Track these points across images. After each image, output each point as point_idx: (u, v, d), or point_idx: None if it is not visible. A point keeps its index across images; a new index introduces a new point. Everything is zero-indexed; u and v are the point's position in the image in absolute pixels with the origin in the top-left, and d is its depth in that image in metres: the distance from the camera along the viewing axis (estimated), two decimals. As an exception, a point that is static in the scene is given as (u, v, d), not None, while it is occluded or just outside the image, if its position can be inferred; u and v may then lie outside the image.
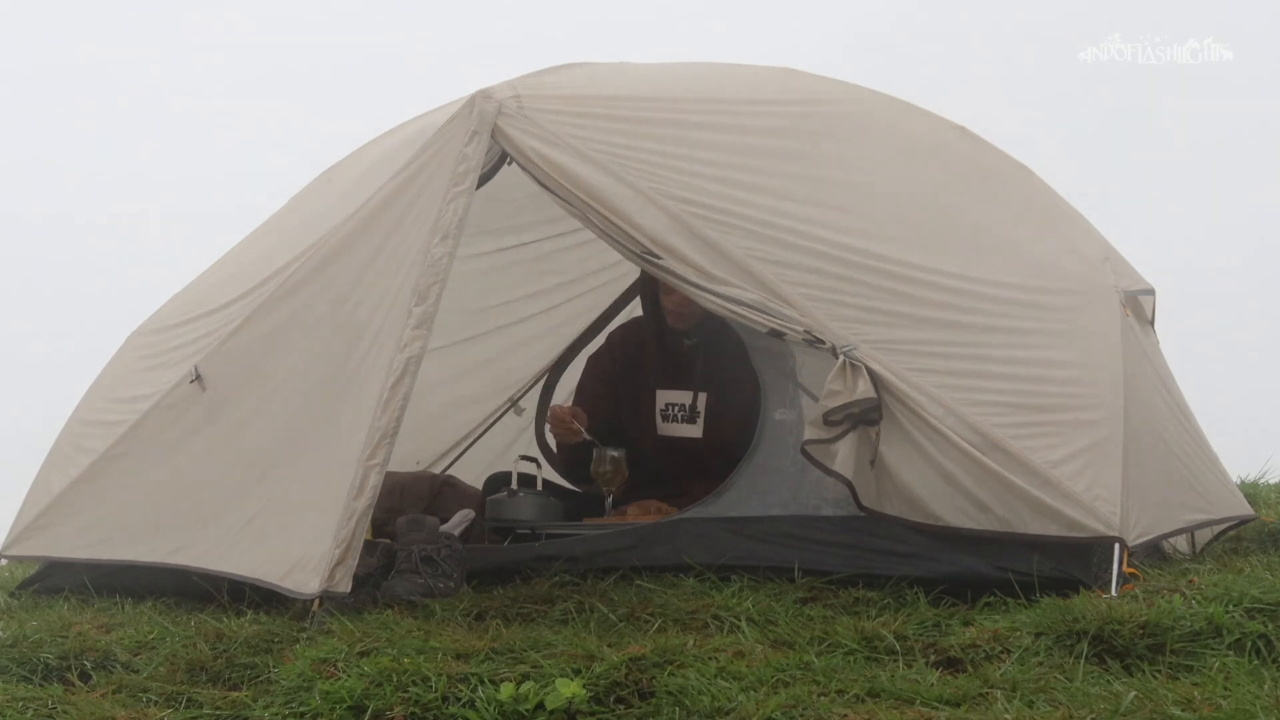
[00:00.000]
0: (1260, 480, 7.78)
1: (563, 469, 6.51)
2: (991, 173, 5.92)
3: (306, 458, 5.16)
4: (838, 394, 4.93)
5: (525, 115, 5.28)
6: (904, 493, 4.96)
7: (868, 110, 5.90)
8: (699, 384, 6.08)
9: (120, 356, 6.39)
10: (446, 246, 5.14)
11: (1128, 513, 4.84)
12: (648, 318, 6.28)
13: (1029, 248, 5.51)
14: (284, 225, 6.13)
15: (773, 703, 3.90)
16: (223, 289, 5.99)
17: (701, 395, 6.06)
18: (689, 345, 6.09)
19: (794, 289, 5.08)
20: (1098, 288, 5.42)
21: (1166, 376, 5.90)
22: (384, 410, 4.97)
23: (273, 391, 5.42)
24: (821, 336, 5.02)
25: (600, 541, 5.37)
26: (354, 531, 4.87)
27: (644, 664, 4.15)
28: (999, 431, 4.89)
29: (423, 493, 6.52)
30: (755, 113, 5.61)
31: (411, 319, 5.06)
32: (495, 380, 7.66)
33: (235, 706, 4.27)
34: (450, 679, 4.12)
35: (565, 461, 6.40)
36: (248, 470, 5.31)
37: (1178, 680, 4.06)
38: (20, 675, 4.68)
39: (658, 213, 5.17)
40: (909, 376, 4.96)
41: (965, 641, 4.38)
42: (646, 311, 6.29)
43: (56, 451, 6.28)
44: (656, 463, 6.06)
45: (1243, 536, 6.16)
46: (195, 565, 5.30)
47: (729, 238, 5.14)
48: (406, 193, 5.32)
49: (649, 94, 5.62)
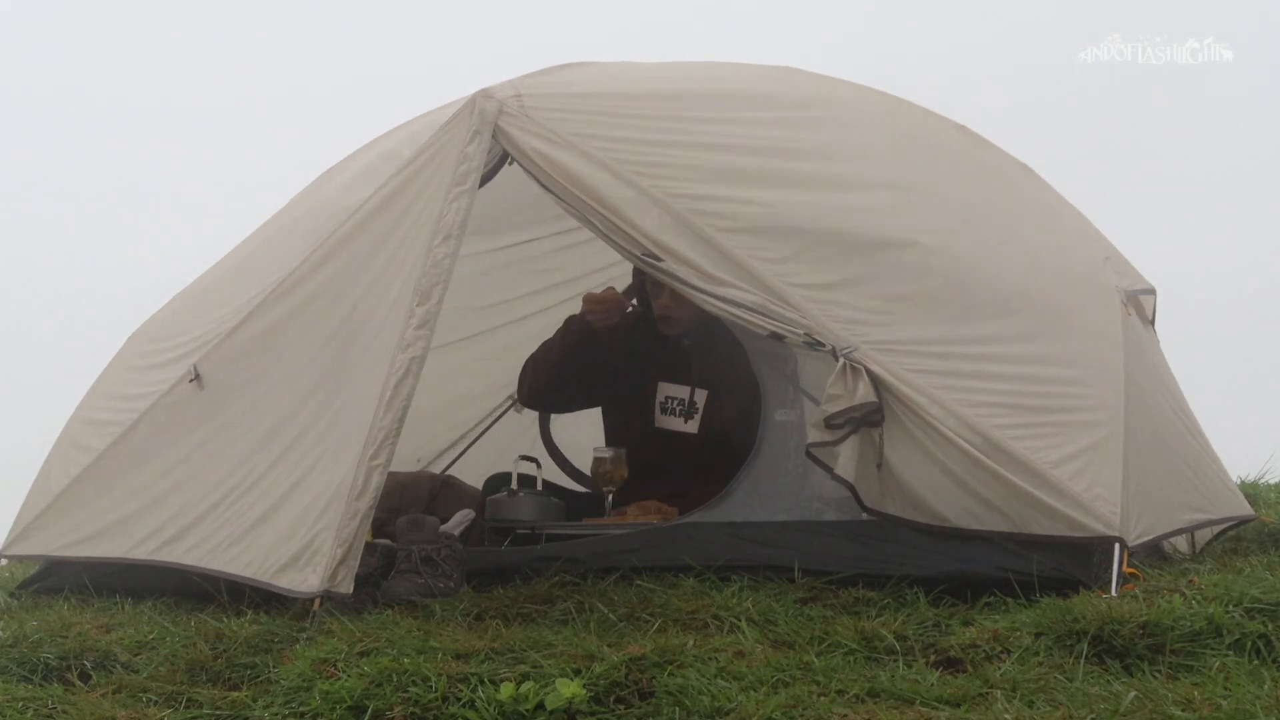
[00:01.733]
0: (1260, 480, 7.78)
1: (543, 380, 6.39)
2: (992, 172, 5.92)
3: (307, 457, 5.15)
4: (838, 398, 4.93)
5: (526, 115, 5.28)
6: (906, 493, 4.96)
7: (868, 108, 5.90)
8: (696, 380, 6.08)
9: (120, 356, 6.39)
10: (449, 246, 5.13)
11: (1128, 513, 4.83)
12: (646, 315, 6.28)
13: (1030, 247, 5.51)
14: (284, 225, 6.12)
15: (773, 703, 3.90)
16: (222, 289, 5.99)
17: (700, 392, 6.05)
18: (687, 345, 6.09)
19: (794, 290, 5.07)
20: (1098, 287, 5.42)
21: (1167, 376, 5.90)
22: (386, 410, 4.97)
23: (272, 391, 5.42)
24: (821, 338, 5.01)
25: (601, 543, 5.37)
26: (356, 531, 4.87)
27: (644, 664, 4.15)
28: (999, 432, 4.89)
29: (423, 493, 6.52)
30: (756, 112, 5.61)
31: (414, 319, 5.05)
32: (496, 378, 7.65)
33: (235, 706, 4.27)
34: (450, 679, 4.12)
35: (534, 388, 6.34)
36: (248, 470, 5.31)
37: (1178, 680, 4.06)
38: (20, 675, 4.67)
39: (659, 213, 5.16)
40: (909, 378, 4.95)
41: (965, 641, 4.38)
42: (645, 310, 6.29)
43: (56, 451, 6.28)
44: (650, 455, 6.04)
45: (1243, 536, 6.16)
46: (195, 565, 5.30)
47: (730, 238, 5.14)
48: (407, 192, 5.31)
49: (650, 94, 5.62)
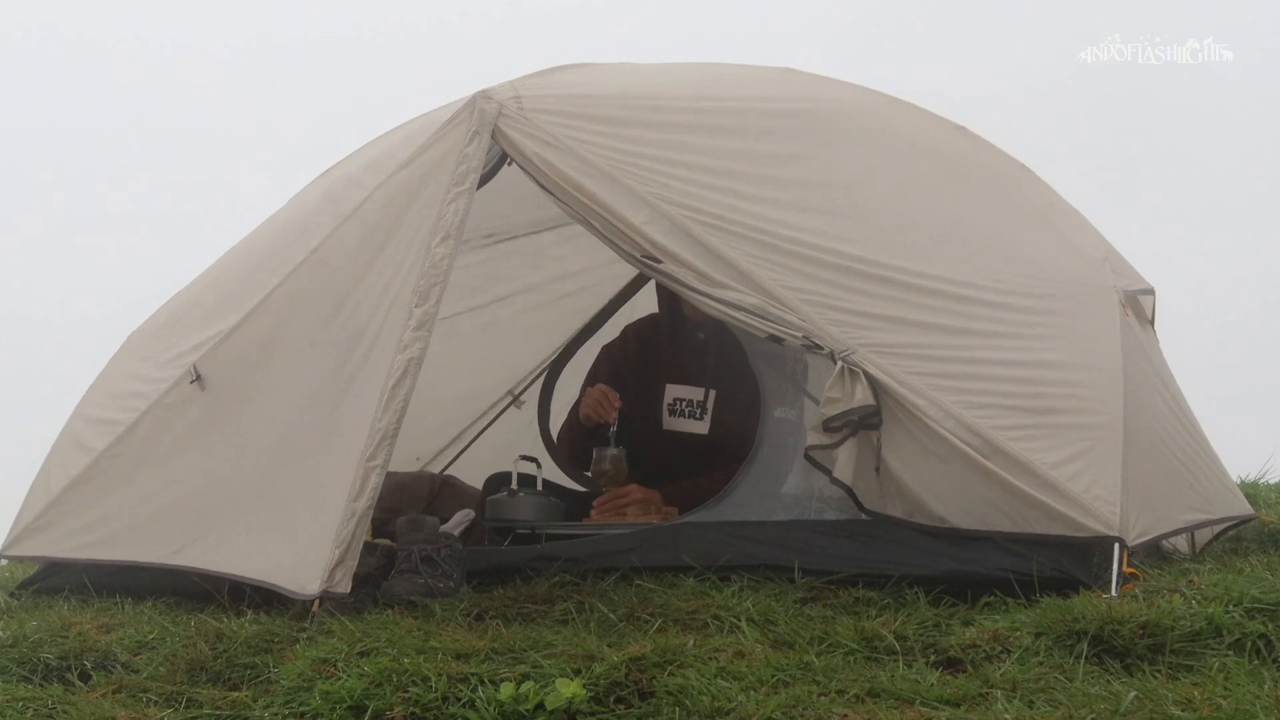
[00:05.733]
0: (1260, 480, 7.78)
1: (565, 457, 6.49)
2: (991, 173, 5.92)
3: (306, 458, 5.15)
4: (836, 401, 4.93)
5: (525, 116, 5.28)
6: (906, 495, 4.96)
7: (867, 110, 5.90)
8: (710, 381, 6.08)
9: (120, 356, 6.39)
10: (447, 247, 5.13)
11: (1127, 513, 4.83)
12: (663, 311, 6.28)
13: (1028, 248, 5.51)
14: (283, 225, 6.12)
15: (773, 703, 3.90)
16: (222, 289, 5.99)
17: (712, 392, 6.06)
18: (701, 340, 6.09)
19: (792, 293, 5.07)
20: (1097, 288, 5.42)
21: (1166, 376, 5.90)
22: (384, 411, 4.97)
23: (272, 393, 5.42)
24: (820, 341, 5.01)
25: (600, 543, 5.37)
26: (354, 532, 4.87)
27: (644, 664, 4.15)
28: (998, 434, 4.88)
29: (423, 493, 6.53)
30: (755, 113, 5.61)
31: (412, 320, 5.06)
32: (495, 374, 7.66)
33: (235, 706, 4.27)
34: (450, 679, 4.12)
35: (571, 452, 6.37)
36: (247, 470, 5.31)
37: (1178, 680, 4.06)
38: (20, 675, 4.67)
39: (657, 217, 5.16)
40: (908, 380, 4.95)
41: (965, 641, 4.38)
42: (662, 304, 6.29)
43: (56, 451, 6.27)
44: (660, 458, 6.06)
45: (1243, 536, 6.15)
46: (195, 565, 5.30)
47: (728, 242, 5.14)
48: (406, 192, 5.31)
49: (649, 95, 5.62)
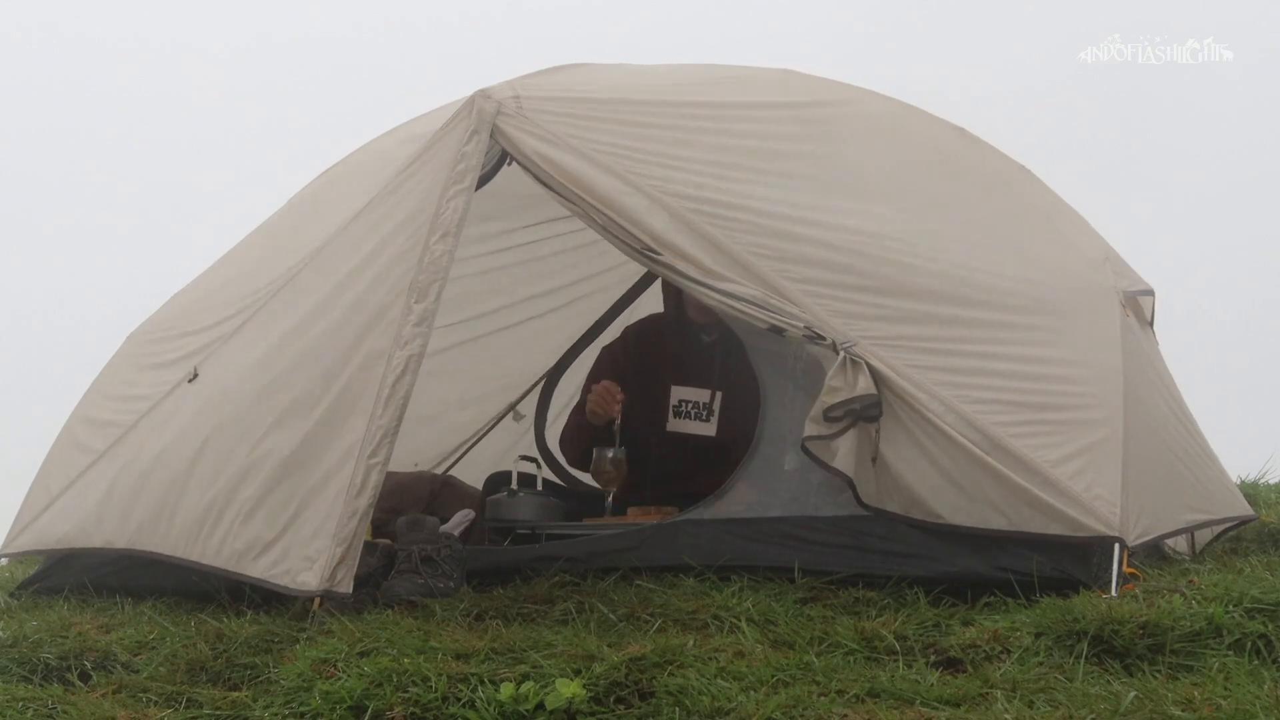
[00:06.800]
0: (1260, 480, 7.78)
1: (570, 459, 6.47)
2: (991, 173, 5.92)
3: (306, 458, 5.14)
4: (838, 390, 4.93)
5: (525, 115, 5.28)
6: (904, 490, 4.96)
7: (867, 111, 5.90)
8: (717, 382, 6.08)
9: (119, 357, 6.38)
10: (446, 244, 5.14)
11: (1128, 513, 4.83)
12: (669, 312, 6.28)
13: (1029, 247, 5.51)
14: (283, 225, 6.13)
15: (773, 703, 3.89)
16: (222, 289, 5.99)
17: (718, 394, 6.06)
18: (707, 341, 6.09)
19: (794, 285, 5.08)
20: (1098, 288, 5.42)
21: (1166, 377, 5.90)
22: (384, 408, 4.97)
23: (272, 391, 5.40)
24: (822, 332, 5.01)
25: (600, 542, 5.37)
26: (355, 530, 4.87)
27: (644, 664, 4.15)
28: (999, 430, 4.89)
29: (423, 493, 6.52)
30: (755, 114, 5.61)
31: (412, 316, 5.06)
32: (495, 382, 7.65)
33: (235, 706, 4.27)
34: (450, 679, 4.12)
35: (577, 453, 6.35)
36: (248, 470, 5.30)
37: (1178, 680, 4.06)
38: (20, 675, 4.67)
39: (658, 210, 5.17)
40: (909, 373, 4.96)
41: (965, 641, 4.38)
42: (668, 305, 6.29)
43: (56, 451, 6.27)
44: (664, 459, 6.05)
45: (1243, 536, 6.16)
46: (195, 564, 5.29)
47: (730, 235, 5.14)
48: (406, 191, 5.32)
49: (649, 95, 5.63)
